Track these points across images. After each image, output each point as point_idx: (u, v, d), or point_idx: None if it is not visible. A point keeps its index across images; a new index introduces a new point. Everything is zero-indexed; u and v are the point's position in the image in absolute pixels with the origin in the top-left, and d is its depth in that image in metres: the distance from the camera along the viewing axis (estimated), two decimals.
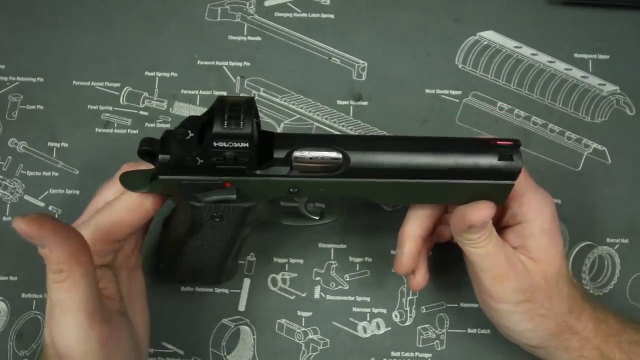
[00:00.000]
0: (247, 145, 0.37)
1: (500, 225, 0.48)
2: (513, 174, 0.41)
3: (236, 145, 0.37)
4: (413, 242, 0.47)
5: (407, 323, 0.56)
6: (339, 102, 0.60)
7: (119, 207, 0.42)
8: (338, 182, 0.41)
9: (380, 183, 0.41)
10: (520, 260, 0.45)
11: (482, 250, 0.44)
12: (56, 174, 0.58)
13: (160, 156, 0.39)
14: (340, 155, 0.40)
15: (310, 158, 0.40)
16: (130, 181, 0.41)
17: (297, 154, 0.40)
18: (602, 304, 0.49)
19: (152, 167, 0.41)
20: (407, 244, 0.47)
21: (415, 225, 0.47)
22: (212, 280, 0.53)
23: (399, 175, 0.41)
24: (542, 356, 0.48)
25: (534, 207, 0.45)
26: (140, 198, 0.42)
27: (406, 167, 0.40)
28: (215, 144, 0.37)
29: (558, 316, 0.45)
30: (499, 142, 0.41)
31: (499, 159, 0.41)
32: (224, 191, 0.40)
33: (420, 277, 0.49)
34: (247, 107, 0.37)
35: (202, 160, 0.38)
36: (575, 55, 0.60)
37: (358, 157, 0.40)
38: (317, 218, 0.49)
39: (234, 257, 0.51)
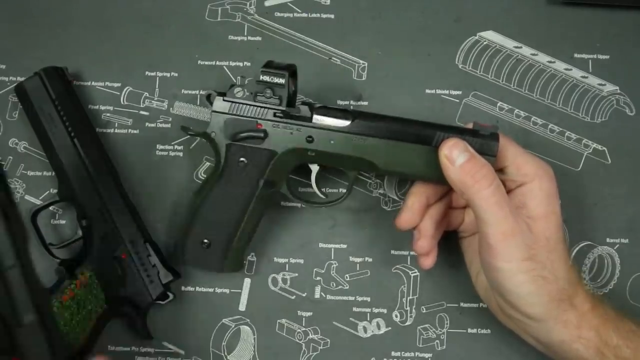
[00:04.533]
0: (283, 82, 0.49)
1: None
2: (492, 149, 0.48)
3: (276, 80, 0.50)
4: (416, 198, 0.51)
5: (407, 323, 0.56)
6: (339, 102, 0.60)
7: None
8: (346, 136, 0.50)
9: (377, 142, 0.50)
10: (522, 219, 0.47)
11: (492, 199, 0.45)
12: None
13: (217, 96, 0.51)
14: (350, 117, 0.50)
15: (327, 114, 0.50)
16: (187, 128, 0.53)
17: (316, 112, 0.51)
18: (597, 294, 0.49)
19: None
20: (410, 198, 0.51)
21: (420, 186, 0.51)
22: (217, 261, 0.53)
23: (393, 138, 0.50)
24: (542, 335, 0.48)
25: (531, 167, 0.48)
26: None
27: (400, 132, 0.50)
28: (261, 77, 0.50)
29: (559, 282, 0.46)
30: (480, 124, 0.49)
31: (479, 134, 0.48)
32: (255, 130, 0.51)
33: (430, 259, 0.52)
34: (289, 65, 0.51)
35: (248, 93, 0.51)
36: (575, 55, 0.61)
37: (363, 119, 0.50)
38: (324, 197, 0.55)
39: (242, 238, 0.53)
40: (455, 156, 0.46)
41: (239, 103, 0.51)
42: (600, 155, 0.59)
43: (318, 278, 0.57)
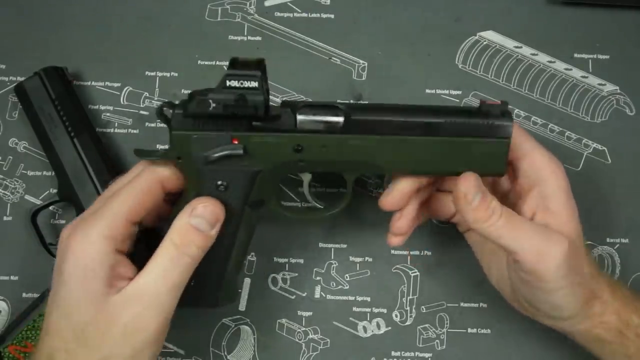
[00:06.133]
0: (256, 85, 0.39)
1: (516, 197, 0.47)
2: (506, 130, 0.43)
3: (247, 84, 0.39)
4: (404, 181, 0.47)
5: (407, 323, 0.56)
6: (340, 102, 0.60)
7: (133, 187, 0.42)
8: (340, 138, 0.42)
9: (378, 140, 0.42)
10: (546, 228, 0.44)
11: (508, 226, 0.43)
12: None
13: (175, 110, 0.41)
14: (342, 114, 0.42)
15: (314, 114, 0.42)
16: (143, 152, 0.43)
17: (300, 113, 0.42)
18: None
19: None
20: (403, 182, 0.47)
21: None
22: (211, 297, 0.47)
23: (395, 132, 0.43)
24: (565, 327, 0.47)
25: (546, 163, 0.45)
26: (153, 175, 0.43)
27: (402, 124, 0.42)
28: (228, 82, 0.39)
29: (587, 282, 0.45)
30: (488, 103, 0.44)
31: (489, 115, 0.43)
32: (231, 146, 0.41)
33: (400, 239, 0.49)
34: (258, 60, 0.40)
35: (214, 105, 0.40)
36: (575, 55, 0.61)
37: (358, 114, 0.43)
38: (322, 206, 0.49)
39: (234, 266, 0.47)
40: (472, 197, 0.43)
41: (205, 116, 0.41)
42: (600, 155, 0.59)
43: (318, 278, 0.57)
